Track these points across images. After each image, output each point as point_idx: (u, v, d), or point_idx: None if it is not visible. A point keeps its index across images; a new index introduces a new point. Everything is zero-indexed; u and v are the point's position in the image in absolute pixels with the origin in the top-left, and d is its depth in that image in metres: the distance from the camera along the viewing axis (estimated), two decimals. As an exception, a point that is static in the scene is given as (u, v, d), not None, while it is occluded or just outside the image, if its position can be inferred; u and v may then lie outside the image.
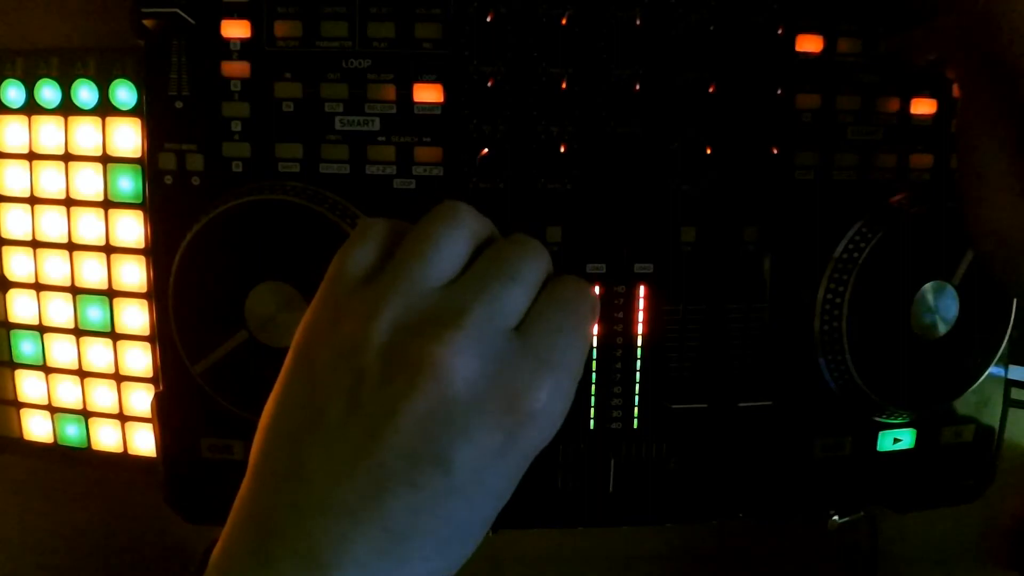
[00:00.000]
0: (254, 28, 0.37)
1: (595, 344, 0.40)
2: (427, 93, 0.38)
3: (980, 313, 0.41)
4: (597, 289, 0.40)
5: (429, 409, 0.24)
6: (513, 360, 0.25)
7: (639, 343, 0.40)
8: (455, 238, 0.27)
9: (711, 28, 0.38)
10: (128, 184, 0.42)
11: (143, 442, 0.45)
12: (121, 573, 0.50)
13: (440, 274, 0.26)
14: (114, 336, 0.43)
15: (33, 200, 0.43)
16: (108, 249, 0.42)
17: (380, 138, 0.38)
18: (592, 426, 0.41)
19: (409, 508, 0.24)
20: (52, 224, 0.43)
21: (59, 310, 0.44)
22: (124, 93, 0.41)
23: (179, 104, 0.38)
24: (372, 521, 0.23)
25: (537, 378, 0.25)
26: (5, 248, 0.44)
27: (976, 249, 0.37)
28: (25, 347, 0.45)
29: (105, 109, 0.41)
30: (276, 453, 0.25)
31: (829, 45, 0.39)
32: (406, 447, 0.23)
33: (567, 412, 0.27)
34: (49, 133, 0.42)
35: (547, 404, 0.26)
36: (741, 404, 0.41)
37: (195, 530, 0.44)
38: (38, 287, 0.44)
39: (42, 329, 0.44)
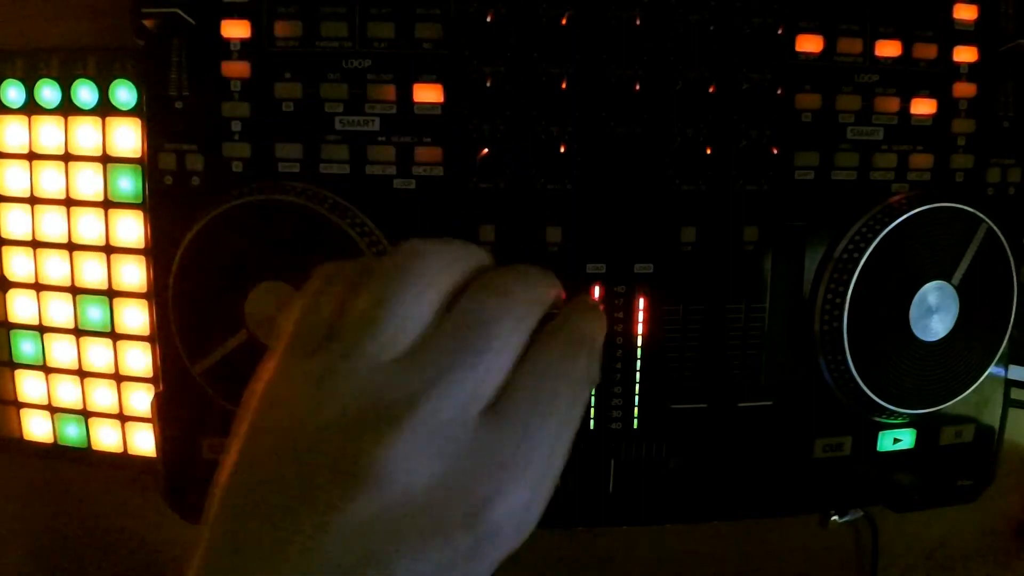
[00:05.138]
0: (254, 28, 0.37)
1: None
2: (427, 93, 0.38)
3: (980, 313, 0.41)
4: (601, 306, 0.40)
5: (370, 514, 0.20)
6: (475, 458, 0.21)
7: (639, 343, 0.40)
8: (412, 299, 0.22)
9: (711, 28, 0.38)
10: (128, 184, 0.42)
11: (143, 442, 0.44)
12: (120, 573, 0.50)
13: (393, 346, 0.22)
14: (114, 336, 0.43)
15: (33, 200, 0.43)
16: (108, 249, 0.42)
17: (380, 138, 0.38)
18: (592, 426, 0.41)
19: None
20: (52, 224, 0.43)
21: (59, 310, 0.44)
22: (124, 93, 0.41)
23: (179, 104, 0.38)
24: None
25: (505, 483, 0.21)
26: (5, 248, 0.44)
27: None
28: (25, 347, 0.45)
29: (105, 109, 0.41)
30: (223, 524, 0.22)
31: (829, 45, 0.39)
32: (344, 553, 0.20)
33: (542, 513, 0.23)
34: (49, 133, 0.42)
35: (513, 513, 0.22)
36: (741, 404, 0.41)
37: (194, 530, 0.44)
38: (38, 287, 0.44)
39: (42, 329, 0.44)
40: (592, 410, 0.41)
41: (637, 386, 0.41)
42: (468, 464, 0.21)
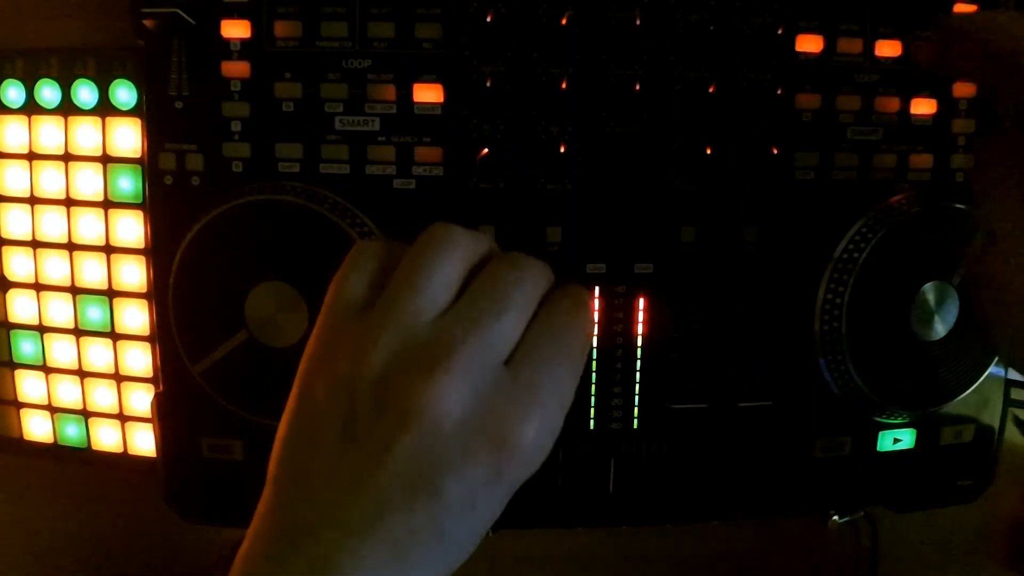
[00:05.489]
0: (254, 28, 0.37)
1: (595, 344, 0.40)
2: (427, 93, 0.38)
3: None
4: (596, 300, 0.40)
5: (420, 445, 0.25)
6: (502, 395, 0.26)
7: (639, 343, 0.40)
8: (447, 267, 0.28)
9: (711, 28, 0.38)
10: (128, 184, 0.42)
11: (143, 442, 0.45)
12: (120, 573, 0.50)
13: (433, 305, 0.27)
14: (114, 336, 0.43)
15: (33, 200, 0.43)
16: (108, 249, 0.42)
17: (380, 138, 0.38)
18: (592, 426, 0.41)
19: (408, 528, 0.25)
20: (52, 224, 0.43)
21: (59, 310, 0.44)
22: (124, 93, 0.41)
23: (179, 104, 0.38)
24: (377, 537, 0.25)
25: (525, 415, 0.26)
26: (5, 248, 0.44)
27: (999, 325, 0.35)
28: (25, 347, 0.45)
29: (105, 109, 0.41)
30: (287, 469, 0.27)
31: (829, 45, 0.39)
32: (400, 478, 0.25)
33: (554, 443, 0.28)
34: (49, 133, 0.42)
35: (534, 440, 0.26)
36: (741, 404, 0.42)
37: (195, 530, 0.44)
38: (38, 287, 0.44)
39: (42, 329, 0.44)
40: (592, 410, 0.41)
41: (637, 386, 0.41)
42: (496, 401, 0.26)
